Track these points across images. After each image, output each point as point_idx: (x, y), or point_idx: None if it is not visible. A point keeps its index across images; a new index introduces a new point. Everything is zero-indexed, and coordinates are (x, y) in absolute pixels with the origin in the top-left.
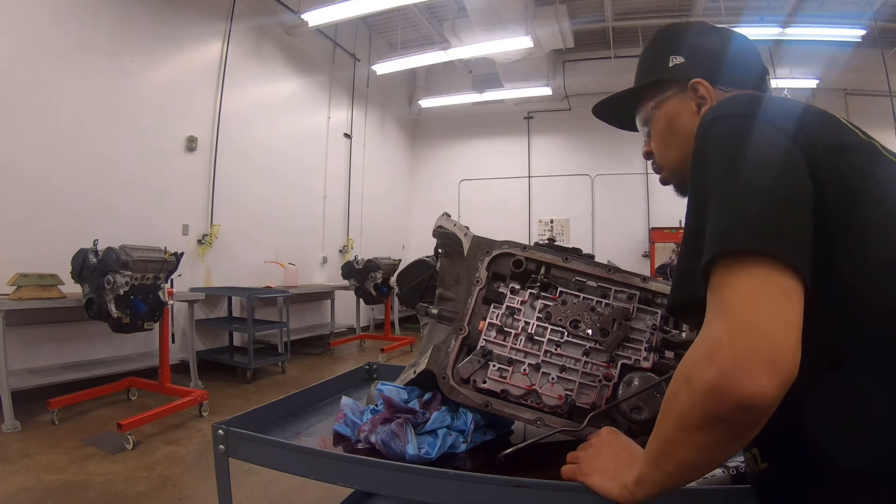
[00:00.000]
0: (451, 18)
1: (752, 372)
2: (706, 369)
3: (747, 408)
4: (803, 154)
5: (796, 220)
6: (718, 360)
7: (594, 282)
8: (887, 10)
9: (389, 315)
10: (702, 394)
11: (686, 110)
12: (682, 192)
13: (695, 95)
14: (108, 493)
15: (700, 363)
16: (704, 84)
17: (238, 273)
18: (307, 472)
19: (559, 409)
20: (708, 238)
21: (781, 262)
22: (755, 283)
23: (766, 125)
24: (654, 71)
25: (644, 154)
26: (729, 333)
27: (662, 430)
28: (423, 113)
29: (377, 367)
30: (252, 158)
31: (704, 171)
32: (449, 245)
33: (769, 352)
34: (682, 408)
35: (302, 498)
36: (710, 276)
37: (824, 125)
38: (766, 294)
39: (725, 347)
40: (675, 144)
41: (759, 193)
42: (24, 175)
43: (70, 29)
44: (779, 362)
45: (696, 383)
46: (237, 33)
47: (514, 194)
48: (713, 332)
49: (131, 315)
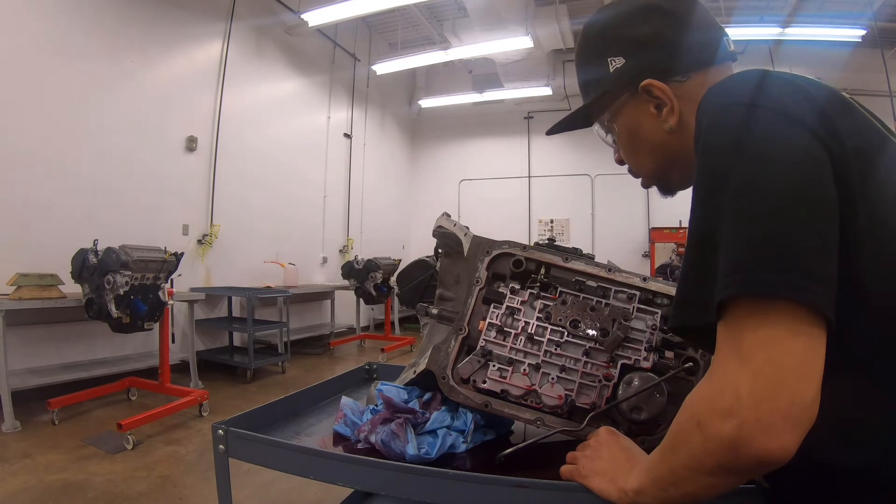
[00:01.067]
0: (451, 18)
1: (774, 430)
2: (724, 422)
3: (767, 463)
4: (830, 158)
5: (825, 251)
6: (738, 415)
7: (594, 282)
8: (887, 10)
9: (389, 315)
10: (719, 445)
11: (645, 116)
12: (667, 192)
13: (650, 97)
14: (108, 493)
15: (717, 413)
16: (656, 84)
17: (238, 273)
18: (307, 472)
19: (559, 409)
20: (724, 268)
21: (809, 307)
22: (780, 332)
23: (787, 120)
24: (595, 80)
25: (616, 161)
26: (750, 388)
27: (670, 463)
28: (423, 113)
29: (377, 367)
30: (252, 158)
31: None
32: (449, 245)
33: (792, 408)
34: (696, 452)
35: (302, 498)
36: (724, 310)
37: (849, 118)
38: (790, 343)
39: (746, 403)
40: (644, 154)
41: (784, 218)
42: (24, 175)
43: (70, 29)
44: (801, 418)
45: (712, 434)
46: (237, 33)
47: (514, 194)
48: (731, 381)
49: (131, 315)
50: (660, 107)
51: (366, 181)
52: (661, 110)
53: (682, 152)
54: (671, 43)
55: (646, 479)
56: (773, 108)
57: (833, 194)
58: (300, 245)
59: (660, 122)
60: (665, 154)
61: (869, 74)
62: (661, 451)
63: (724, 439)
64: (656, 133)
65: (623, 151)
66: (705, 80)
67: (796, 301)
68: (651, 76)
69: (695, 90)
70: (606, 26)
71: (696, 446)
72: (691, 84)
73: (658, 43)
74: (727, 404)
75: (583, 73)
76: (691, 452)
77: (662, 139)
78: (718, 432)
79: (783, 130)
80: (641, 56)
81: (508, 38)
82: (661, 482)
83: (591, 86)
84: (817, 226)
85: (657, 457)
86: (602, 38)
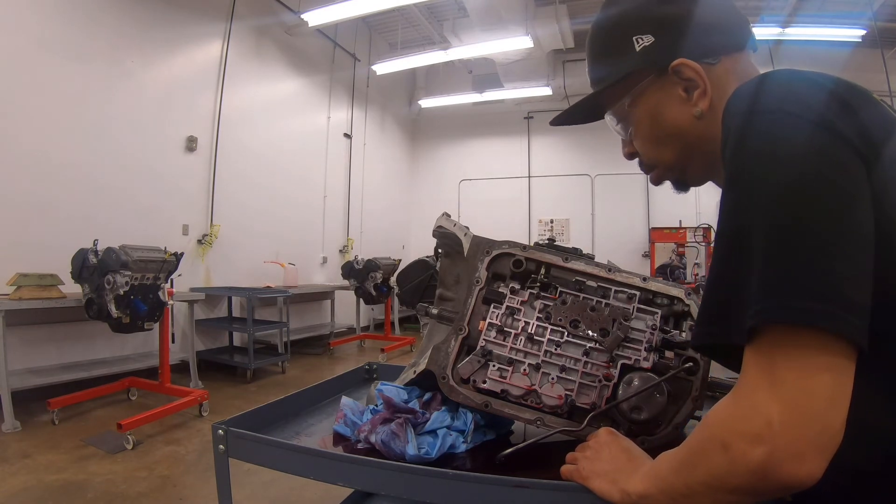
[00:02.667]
0: (451, 18)
1: (804, 458)
2: (753, 447)
3: (793, 488)
4: (868, 173)
5: (862, 279)
6: (769, 443)
7: (594, 282)
8: (887, 10)
9: (389, 315)
10: (745, 470)
11: (672, 100)
12: (682, 187)
13: (679, 79)
14: (108, 493)
15: (745, 437)
16: (689, 64)
17: (238, 273)
18: (307, 472)
19: (559, 409)
20: (758, 291)
21: (844, 338)
22: (814, 361)
23: (828, 134)
24: (618, 60)
25: (626, 155)
26: (781, 417)
27: (686, 478)
28: (423, 113)
29: (377, 367)
30: (252, 158)
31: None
32: (449, 245)
33: (822, 437)
34: (718, 472)
35: (302, 498)
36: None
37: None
38: (823, 374)
39: (778, 431)
40: (667, 143)
41: (823, 243)
42: (24, 174)
43: (70, 29)
44: (829, 445)
45: (739, 457)
46: (237, 33)
47: (514, 194)
48: (762, 408)
49: (131, 315)
50: (689, 90)
51: (366, 181)
52: (692, 93)
53: (707, 140)
54: (703, 23)
55: (652, 487)
56: (811, 119)
57: (870, 215)
58: (300, 245)
59: (688, 106)
60: (689, 142)
61: (869, 74)
62: (674, 464)
63: (752, 464)
64: (683, 118)
65: (641, 140)
66: (734, 67)
67: (833, 332)
68: (682, 56)
69: (724, 76)
70: (632, 5)
71: (720, 466)
72: (720, 69)
73: (690, 22)
74: (757, 430)
75: (601, 54)
76: (713, 472)
77: (689, 125)
78: (746, 456)
79: (822, 145)
80: (672, 35)
81: (508, 38)
82: (671, 493)
83: (611, 67)
84: (856, 252)
85: (668, 468)
86: (627, 17)
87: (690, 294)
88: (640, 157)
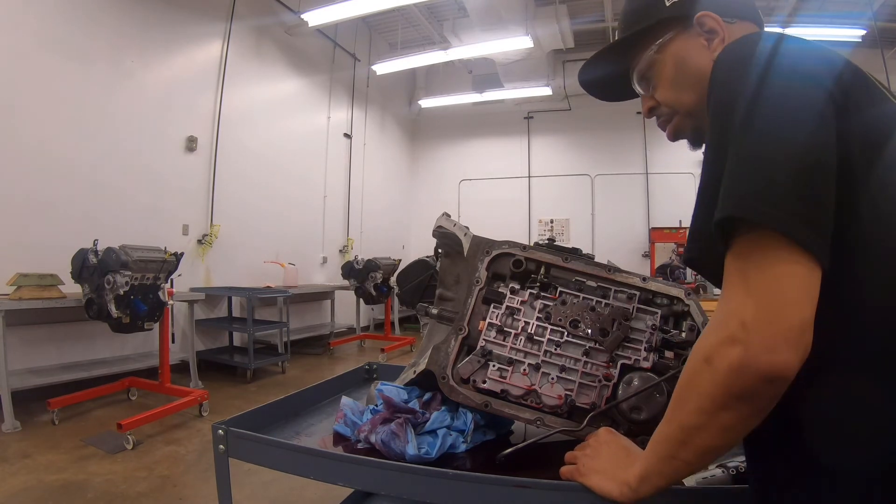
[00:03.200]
0: (451, 18)
1: (777, 349)
2: (730, 349)
3: (774, 380)
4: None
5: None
6: (743, 341)
7: (594, 282)
8: (887, 10)
9: (389, 315)
10: (727, 372)
11: (695, 47)
12: (698, 142)
13: (701, 30)
14: (108, 493)
15: (723, 344)
16: (712, 16)
17: (238, 273)
18: (307, 472)
19: (559, 409)
20: (725, 192)
21: (807, 249)
22: (781, 267)
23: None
24: (648, 13)
25: (646, 111)
26: (754, 315)
27: (679, 419)
28: (424, 113)
29: (377, 367)
30: (252, 158)
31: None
32: (449, 245)
33: (791, 331)
34: (705, 388)
35: (302, 498)
36: (730, 241)
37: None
38: (790, 277)
39: (751, 328)
40: (688, 87)
41: (788, 156)
42: (24, 174)
43: (70, 29)
44: (799, 340)
45: (720, 363)
46: (237, 33)
47: (514, 194)
48: (737, 310)
49: (131, 315)
50: (710, 40)
51: (366, 181)
52: (712, 42)
53: None
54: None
55: (649, 460)
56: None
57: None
58: (300, 245)
59: (709, 52)
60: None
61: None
62: (666, 417)
63: (732, 364)
64: (704, 62)
65: (664, 88)
66: (749, 32)
67: (799, 242)
68: (708, 10)
69: (739, 32)
70: None
71: (706, 383)
72: (736, 29)
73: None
74: (733, 332)
75: (634, 7)
76: (701, 392)
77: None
78: (726, 359)
79: (799, 87)
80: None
81: (508, 38)
82: (669, 450)
83: (642, 14)
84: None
85: (660, 427)
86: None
87: (690, 294)
88: (660, 110)
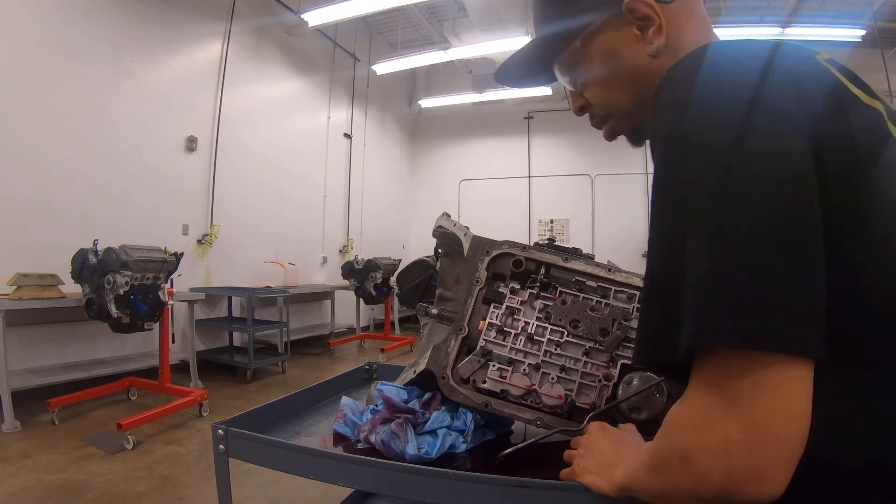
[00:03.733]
0: (451, 18)
1: (765, 477)
2: (712, 465)
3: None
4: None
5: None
6: (726, 461)
7: (594, 282)
8: (887, 10)
9: (389, 315)
10: (709, 489)
11: (626, 39)
12: (637, 140)
13: (633, 18)
14: (108, 493)
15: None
16: (644, 0)
17: (238, 273)
18: (307, 472)
19: (559, 409)
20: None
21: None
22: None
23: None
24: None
25: (576, 110)
26: (738, 436)
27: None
28: (424, 113)
29: (377, 367)
30: (252, 158)
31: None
32: (449, 245)
33: (783, 451)
34: (684, 487)
35: (302, 498)
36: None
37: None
38: (778, 389)
39: (735, 451)
40: (621, 87)
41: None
42: (24, 174)
43: (70, 29)
44: (791, 458)
45: (700, 477)
46: (237, 33)
47: (514, 194)
48: (718, 426)
49: (131, 315)
50: (644, 29)
51: (366, 181)
52: (646, 32)
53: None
54: None
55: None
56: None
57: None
58: (300, 245)
59: (643, 45)
60: (645, 84)
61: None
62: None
63: (714, 484)
64: (638, 58)
65: (593, 86)
66: (691, 7)
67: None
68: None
69: (679, 14)
70: None
71: (684, 481)
72: (674, 7)
73: None
74: (714, 446)
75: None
76: (679, 486)
77: (645, 65)
78: (707, 476)
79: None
80: None
81: (508, 38)
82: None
83: (561, 9)
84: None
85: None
86: None
87: None
88: (592, 110)
